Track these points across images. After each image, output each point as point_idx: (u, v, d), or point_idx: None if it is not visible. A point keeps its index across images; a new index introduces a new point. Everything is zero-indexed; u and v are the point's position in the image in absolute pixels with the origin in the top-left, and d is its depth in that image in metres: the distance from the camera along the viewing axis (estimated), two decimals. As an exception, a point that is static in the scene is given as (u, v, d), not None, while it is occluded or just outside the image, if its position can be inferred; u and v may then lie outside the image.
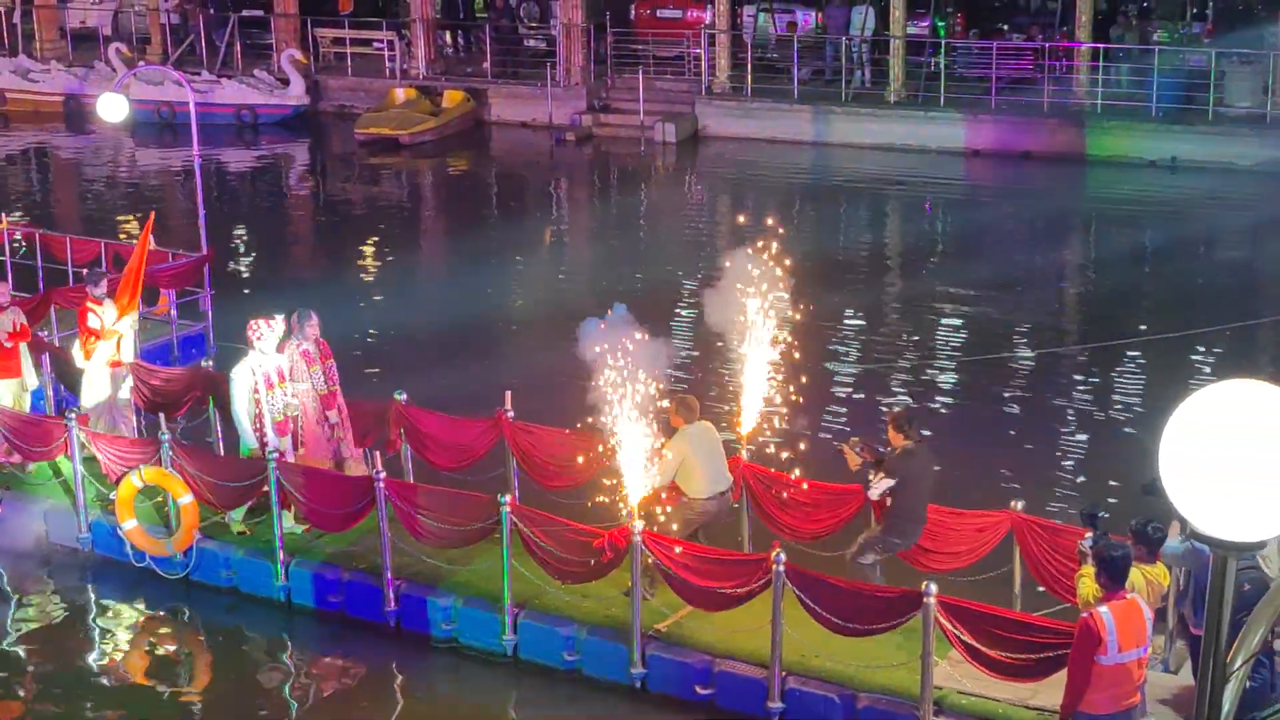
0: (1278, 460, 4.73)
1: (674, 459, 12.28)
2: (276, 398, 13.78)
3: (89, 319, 15.31)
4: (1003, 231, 28.28)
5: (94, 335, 15.26)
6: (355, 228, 29.54)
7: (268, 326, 13.80)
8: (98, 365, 15.35)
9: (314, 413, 14.12)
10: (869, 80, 35.09)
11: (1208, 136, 31.08)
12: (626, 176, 33.99)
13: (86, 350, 15.32)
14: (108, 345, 15.35)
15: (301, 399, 14.02)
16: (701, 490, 12.41)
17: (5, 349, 15.43)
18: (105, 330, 15.30)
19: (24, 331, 15.61)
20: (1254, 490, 4.73)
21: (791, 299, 12.63)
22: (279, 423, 13.79)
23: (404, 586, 13.16)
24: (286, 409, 13.84)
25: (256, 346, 13.77)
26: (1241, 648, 5.19)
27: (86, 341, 15.31)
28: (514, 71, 37.54)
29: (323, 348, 14.19)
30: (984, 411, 18.91)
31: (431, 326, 20.82)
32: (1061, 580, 11.45)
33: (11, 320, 15.49)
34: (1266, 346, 21.41)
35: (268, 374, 13.77)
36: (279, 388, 13.81)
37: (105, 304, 15.46)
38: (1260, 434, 4.73)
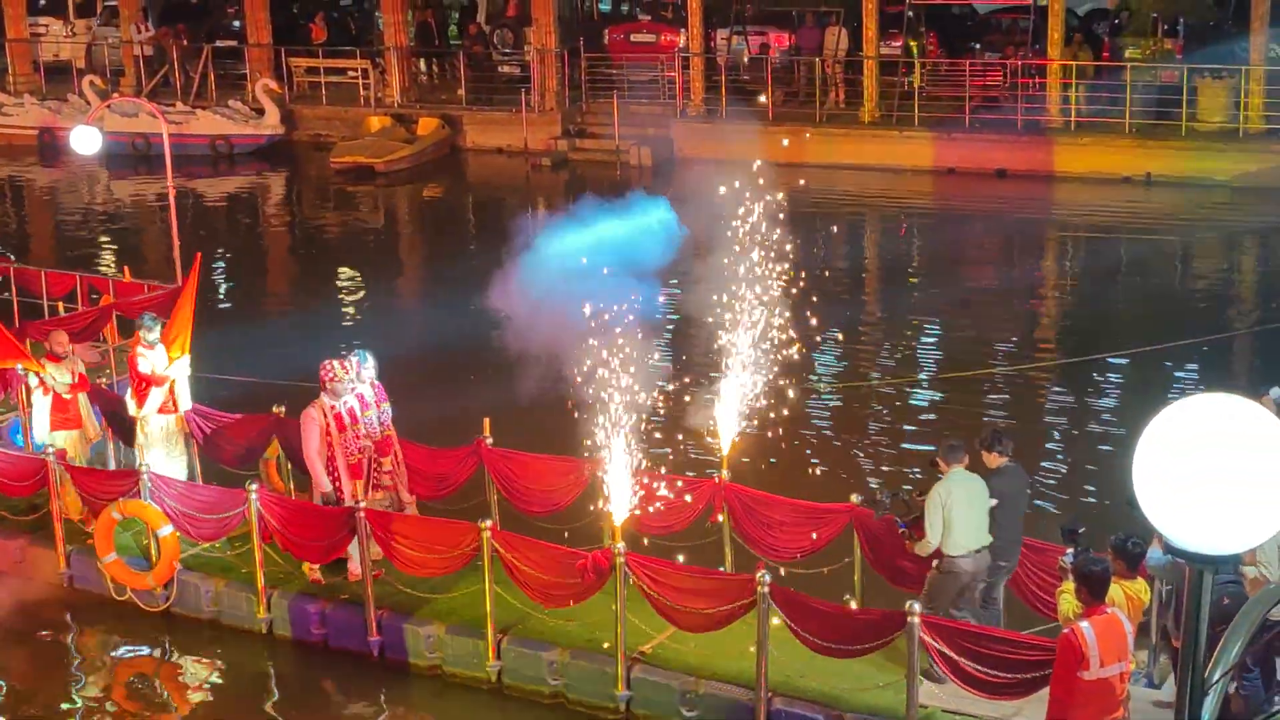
0: (1250, 473, 4.75)
1: (932, 513, 11.19)
2: (349, 440, 13.38)
3: (139, 364, 14.71)
4: (978, 249, 28.41)
5: (146, 381, 14.71)
6: (332, 257, 29.53)
7: (341, 368, 13.34)
8: (151, 411, 14.78)
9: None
10: (843, 100, 35.22)
11: (1181, 152, 31.27)
12: (602, 201, 33.96)
13: (139, 398, 14.78)
14: (160, 392, 14.80)
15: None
16: (953, 546, 11.24)
17: (64, 400, 14.90)
18: (157, 376, 14.76)
19: (83, 382, 15.06)
20: (1228, 503, 4.76)
21: (770, 317, 12.66)
22: (353, 465, 13.39)
23: (386, 615, 13.12)
24: (361, 452, 13.47)
25: (330, 388, 13.34)
26: (1220, 660, 5.20)
27: (139, 388, 14.75)
28: (488, 98, 37.57)
29: (378, 391, 13.75)
30: (962, 428, 18.92)
31: (409, 354, 20.77)
32: (1043, 597, 11.47)
33: (70, 369, 14.96)
34: (1242, 359, 21.50)
35: (340, 415, 13.38)
36: (351, 429, 13.41)
37: (156, 349, 14.84)
38: (1233, 447, 4.76)
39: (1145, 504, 4.88)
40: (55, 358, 14.99)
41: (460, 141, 37.06)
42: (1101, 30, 36.93)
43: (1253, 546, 4.85)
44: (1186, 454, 4.80)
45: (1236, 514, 4.77)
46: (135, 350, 14.87)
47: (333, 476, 13.36)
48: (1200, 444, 4.79)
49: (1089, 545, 10.36)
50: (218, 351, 15.51)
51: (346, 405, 13.40)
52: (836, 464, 17.60)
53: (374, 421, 13.66)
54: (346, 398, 13.40)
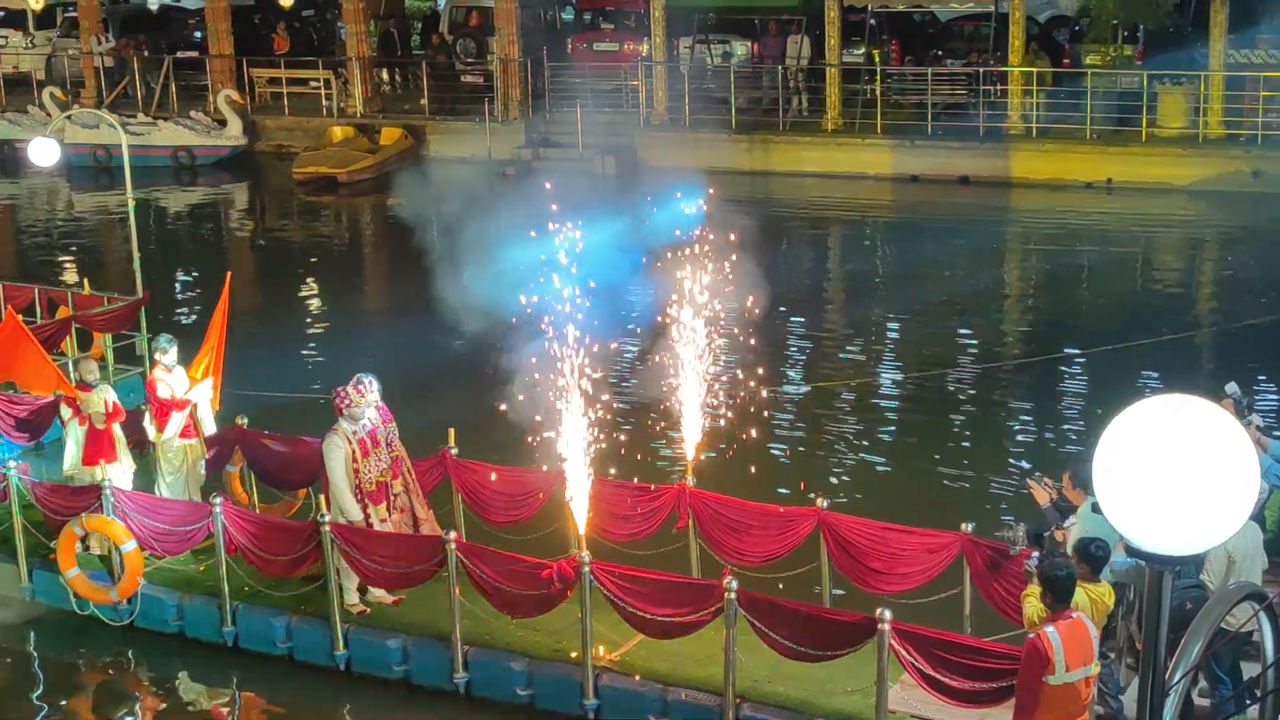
0: (1209, 473, 4.77)
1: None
2: (372, 465, 13.08)
3: (158, 389, 14.41)
4: (942, 254, 28.46)
5: (166, 406, 14.45)
6: (295, 268, 29.40)
7: (357, 393, 13.01)
8: (172, 436, 14.50)
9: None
10: (806, 108, 35.32)
11: (1142, 158, 31.47)
12: (566, 209, 33.92)
13: (160, 422, 14.48)
14: (181, 416, 14.50)
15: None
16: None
17: (98, 431, 14.39)
18: (177, 400, 14.48)
19: (117, 410, 14.55)
20: (1187, 503, 4.77)
21: (734, 322, 12.69)
22: (371, 492, 13.08)
23: (353, 629, 13.05)
24: (381, 475, 13.17)
25: (346, 414, 12.98)
26: (1180, 661, 5.21)
27: (159, 412, 14.46)
28: (452, 107, 37.51)
29: (383, 413, 13.40)
30: (930, 431, 19.01)
31: (374, 365, 20.67)
32: (1011, 601, 11.49)
33: (103, 400, 14.46)
34: (1202, 359, 21.64)
35: (363, 440, 13.03)
36: (374, 453, 13.11)
37: (175, 372, 14.54)
38: (1192, 447, 4.77)
39: (1105, 505, 4.89)
40: (86, 387, 14.47)
41: (423, 151, 36.97)
42: (1062, 37, 37.12)
43: (1212, 546, 4.86)
44: (1146, 455, 4.81)
45: (1196, 514, 4.78)
46: (153, 374, 14.52)
47: (359, 503, 13.00)
48: (1159, 445, 4.81)
49: (1054, 548, 10.37)
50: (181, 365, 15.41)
51: (367, 429, 13.08)
52: (801, 466, 17.64)
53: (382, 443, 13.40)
54: (365, 421, 13.08)
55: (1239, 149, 31.01)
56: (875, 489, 17.01)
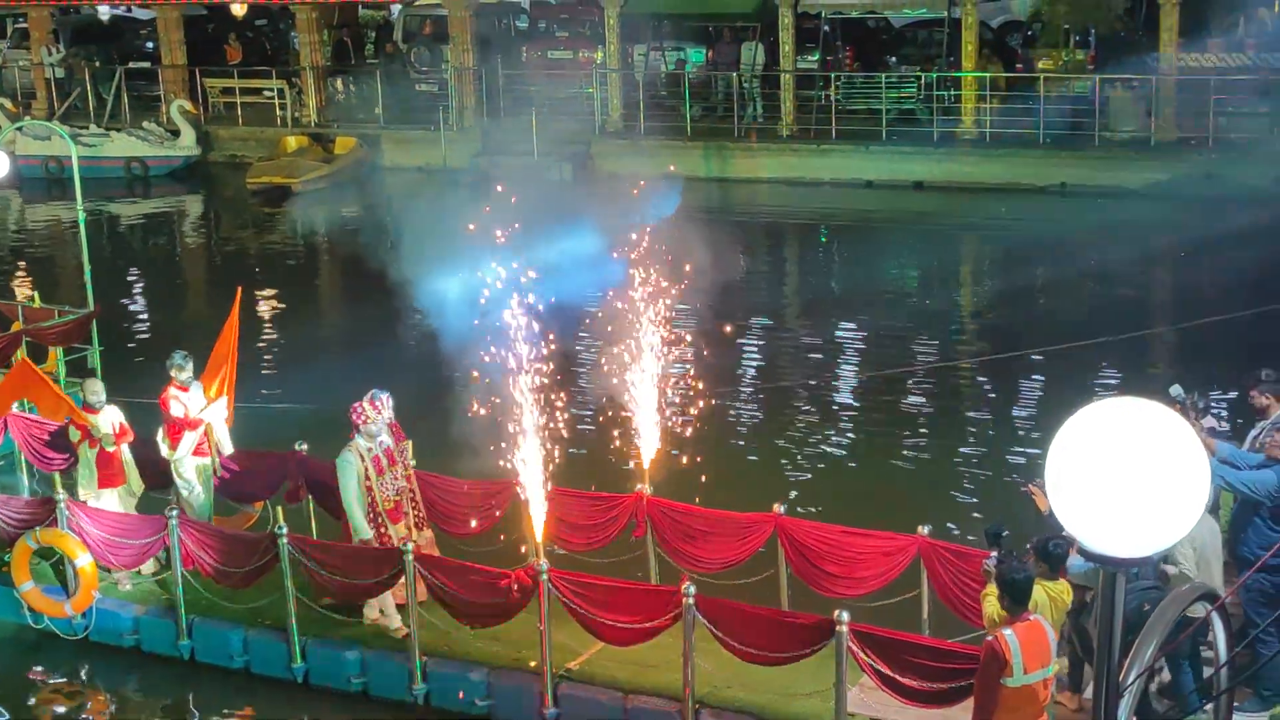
0: (1161, 475, 4.79)
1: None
2: (388, 483, 12.87)
3: (172, 407, 14.06)
4: (898, 259, 28.61)
5: (179, 424, 14.13)
6: (249, 278, 29.22)
7: (373, 408, 12.81)
8: (185, 455, 14.22)
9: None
10: (761, 115, 35.42)
11: (1094, 162, 31.72)
12: (523, 217, 33.87)
13: (173, 440, 14.17)
14: (194, 435, 14.22)
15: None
16: None
17: (108, 453, 14.12)
18: (191, 418, 14.16)
19: (125, 431, 14.25)
20: (1139, 506, 4.80)
21: (691, 328, 12.71)
22: (390, 510, 12.90)
23: (310, 641, 12.98)
24: (399, 493, 12.99)
25: (362, 430, 12.78)
26: (1135, 662, 5.24)
27: (172, 430, 14.15)
28: (407, 116, 37.41)
29: (395, 430, 13.24)
30: (886, 434, 19.09)
31: (330, 376, 20.63)
32: (968, 603, 11.53)
33: (111, 421, 14.16)
34: (1159, 362, 21.79)
35: (378, 458, 12.81)
36: (390, 471, 12.91)
37: (191, 389, 14.23)
38: (1143, 450, 4.80)
39: (1058, 508, 4.91)
40: (92, 409, 14.18)
41: (378, 160, 36.85)
42: (1015, 42, 37.36)
43: (1164, 549, 4.89)
44: (1097, 458, 4.83)
45: (1147, 517, 4.81)
46: (167, 391, 14.18)
47: (374, 523, 12.82)
48: (1109, 448, 4.83)
49: (1013, 548, 10.42)
50: (136, 378, 15.30)
51: (383, 446, 12.89)
52: (759, 470, 17.67)
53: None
54: (381, 438, 12.90)
55: (1191, 152, 31.26)
56: (833, 492, 17.05)
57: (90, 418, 14.11)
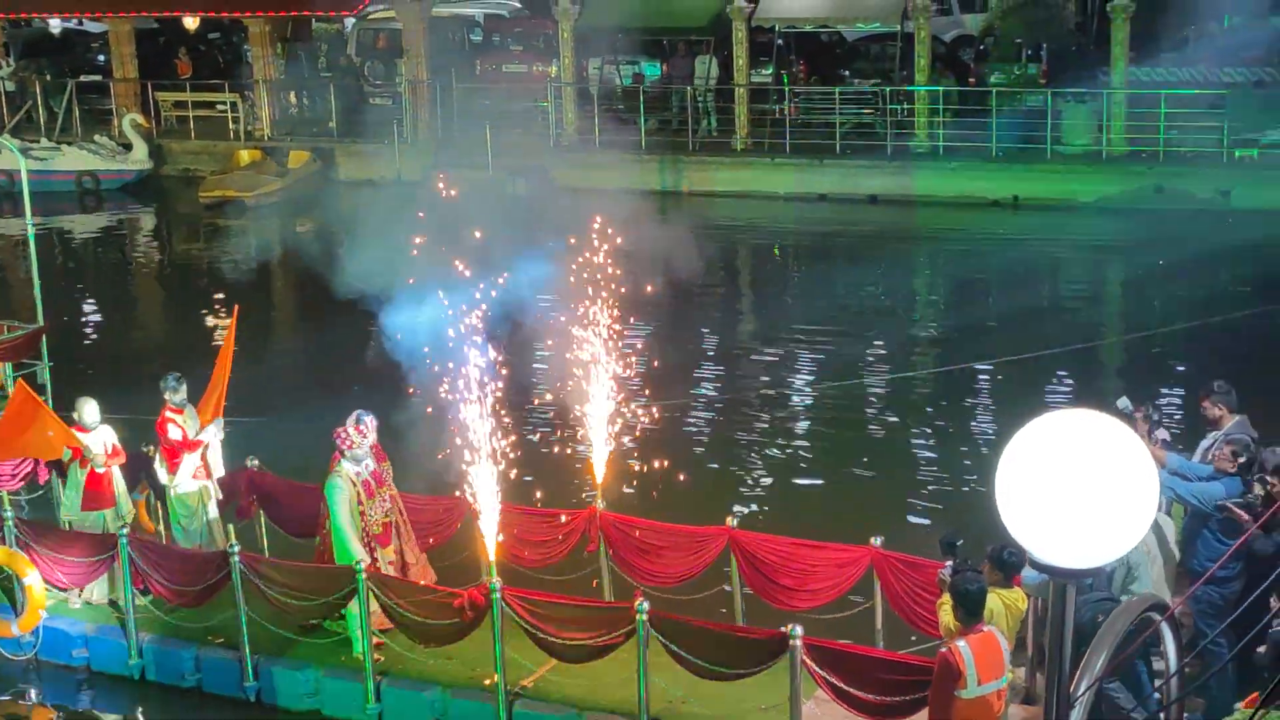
0: (1110, 487, 4.80)
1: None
2: (376, 507, 12.69)
3: (169, 430, 13.78)
4: (852, 271, 28.69)
5: (178, 448, 13.84)
6: (201, 293, 29.08)
7: (358, 433, 12.61)
8: (184, 479, 13.93)
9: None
10: (715, 129, 35.48)
11: (1047, 175, 31.90)
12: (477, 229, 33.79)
13: (170, 465, 13.88)
14: (194, 457, 13.92)
15: None
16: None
17: (98, 475, 13.85)
18: (189, 441, 13.88)
19: (116, 452, 14.03)
20: (1088, 517, 4.81)
21: (642, 343, 12.69)
22: (378, 535, 12.69)
23: (263, 659, 12.87)
24: (387, 515, 12.77)
25: (348, 455, 12.61)
26: (1085, 673, 5.25)
27: (169, 456, 13.87)
28: (361, 130, 37.27)
29: (377, 452, 13.07)
30: (841, 445, 19.12)
31: (282, 390, 20.52)
32: (922, 614, 11.54)
33: (104, 442, 13.93)
34: (1110, 373, 21.93)
35: (367, 481, 12.65)
36: (379, 494, 12.74)
37: (186, 412, 13.94)
38: (1092, 461, 4.81)
39: (1008, 520, 4.92)
40: (84, 429, 13.91)
41: (332, 174, 36.71)
42: (967, 57, 37.57)
43: (1113, 560, 4.90)
44: (1047, 469, 4.84)
45: (1096, 528, 4.82)
46: (164, 414, 13.90)
47: (368, 548, 12.60)
48: (1059, 459, 4.84)
49: (968, 558, 10.44)
50: (85, 392, 15.09)
51: (370, 469, 12.73)
52: (713, 483, 17.67)
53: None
54: (367, 461, 12.73)
55: (1142, 165, 31.50)
56: (787, 504, 17.07)
57: (81, 437, 13.83)
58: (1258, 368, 20.00)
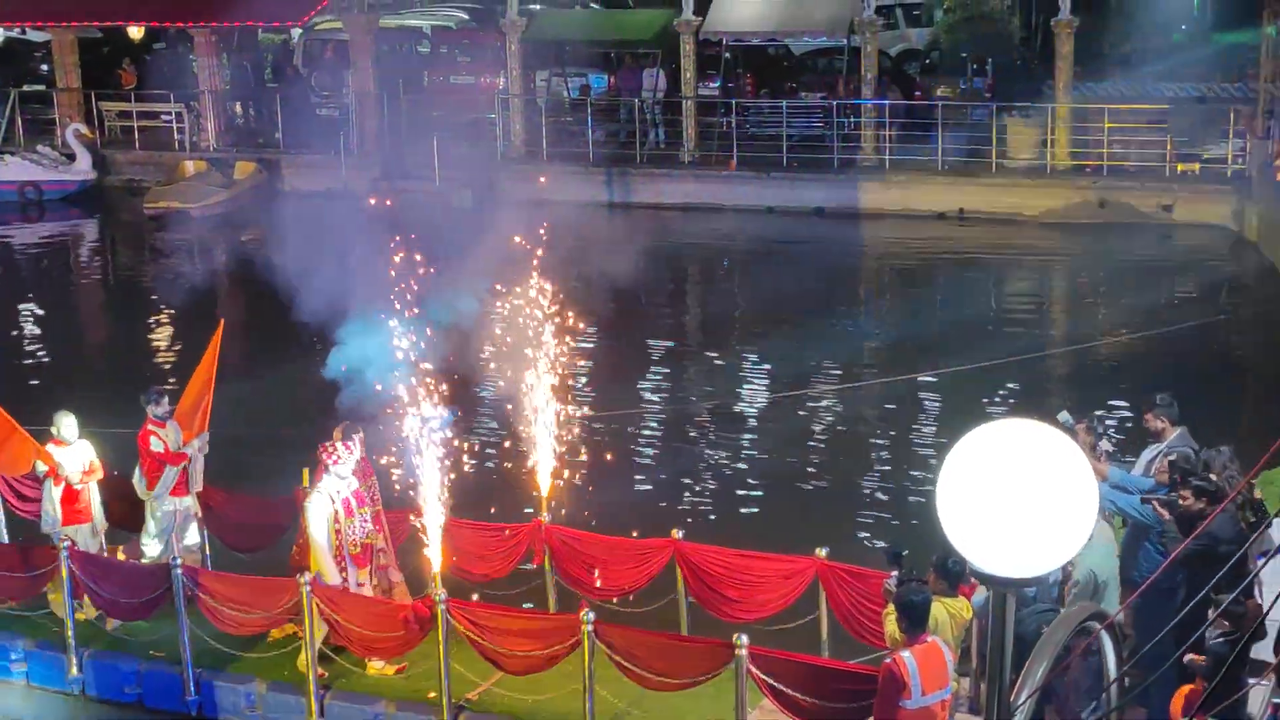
0: (1049, 496, 4.82)
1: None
2: (356, 525, 12.43)
3: (151, 443, 13.52)
4: (799, 284, 28.78)
5: (160, 460, 13.57)
6: (146, 305, 28.83)
7: (345, 448, 12.36)
8: (163, 495, 13.68)
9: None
10: (663, 141, 35.53)
11: (992, 188, 32.11)
12: (424, 242, 33.69)
13: (150, 479, 13.63)
14: (175, 471, 13.67)
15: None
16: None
17: (75, 490, 13.63)
18: (172, 454, 13.63)
19: (93, 470, 13.76)
20: (1028, 527, 4.82)
21: (589, 354, 12.67)
22: (356, 555, 12.44)
23: (204, 674, 12.75)
24: (367, 536, 12.53)
25: (333, 471, 12.33)
26: (1025, 683, 5.27)
27: (150, 469, 13.60)
28: (307, 141, 37.05)
29: (364, 465, 12.73)
30: (786, 456, 19.17)
31: (227, 403, 20.35)
32: (868, 626, 11.56)
33: (81, 459, 13.66)
34: (1053, 384, 22.09)
35: (347, 499, 12.36)
36: (359, 513, 12.48)
37: (168, 425, 13.67)
38: (1032, 471, 4.83)
39: (948, 529, 4.93)
40: (62, 442, 13.66)
41: (278, 185, 36.49)
42: (913, 70, 37.79)
43: (1051, 569, 4.92)
44: (987, 479, 4.86)
45: (1035, 537, 4.84)
46: (145, 427, 13.66)
47: (340, 566, 12.40)
48: (998, 469, 4.86)
49: (913, 568, 10.48)
50: (27, 402, 14.96)
51: (352, 487, 12.48)
52: (659, 494, 17.67)
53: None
54: (350, 479, 12.49)
55: (1086, 180, 31.78)
56: (733, 515, 17.10)
57: (58, 452, 13.58)
58: (1199, 380, 20.23)
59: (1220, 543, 10.62)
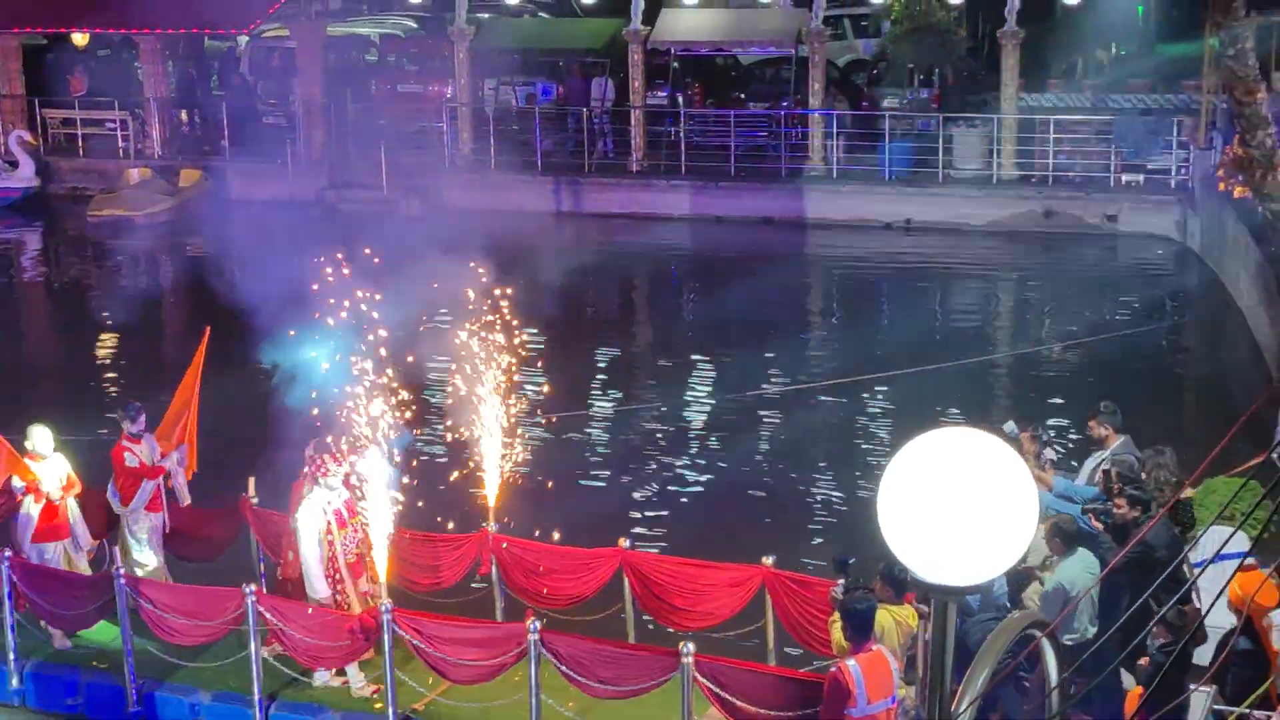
0: (989, 505, 4.84)
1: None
2: (349, 537, 12.29)
3: (126, 458, 13.34)
4: (747, 293, 28.82)
5: (135, 475, 13.34)
6: (89, 313, 28.56)
7: (333, 460, 12.18)
8: (139, 508, 13.46)
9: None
10: (612, 150, 35.54)
11: (939, 198, 32.31)
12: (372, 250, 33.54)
13: (125, 495, 13.41)
14: (152, 485, 13.47)
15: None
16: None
17: (54, 506, 13.26)
18: (149, 467, 13.42)
19: (71, 484, 13.44)
20: (968, 535, 4.84)
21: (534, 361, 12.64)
22: (353, 564, 12.32)
23: (147, 684, 12.64)
24: (360, 546, 12.35)
25: (323, 483, 12.20)
26: (966, 691, 5.29)
27: (126, 485, 13.39)
28: (253, 149, 36.83)
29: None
30: (732, 464, 19.19)
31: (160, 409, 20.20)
32: (815, 634, 11.59)
33: (58, 473, 13.33)
34: (1001, 391, 22.22)
35: (339, 511, 12.25)
36: (351, 524, 12.31)
37: (143, 440, 13.50)
38: (972, 480, 4.85)
39: (889, 537, 4.95)
40: (39, 457, 13.33)
41: (224, 193, 36.23)
42: (860, 80, 37.97)
43: (993, 578, 4.95)
44: (927, 488, 4.87)
45: (977, 546, 4.86)
46: (120, 443, 13.43)
47: (332, 579, 12.25)
48: (940, 477, 4.87)
49: (860, 576, 10.52)
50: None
51: (343, 498, 12.34)
52: (607, 503, 17.65)
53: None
54: (340, 490, 12.34)
55: (1032, 190, 32.02)
56: (681, 523, 17.10)
57: (34, 467, 13.26)
58: (1143, 388, 20.40)
59: (1155, 549, 10.73)
